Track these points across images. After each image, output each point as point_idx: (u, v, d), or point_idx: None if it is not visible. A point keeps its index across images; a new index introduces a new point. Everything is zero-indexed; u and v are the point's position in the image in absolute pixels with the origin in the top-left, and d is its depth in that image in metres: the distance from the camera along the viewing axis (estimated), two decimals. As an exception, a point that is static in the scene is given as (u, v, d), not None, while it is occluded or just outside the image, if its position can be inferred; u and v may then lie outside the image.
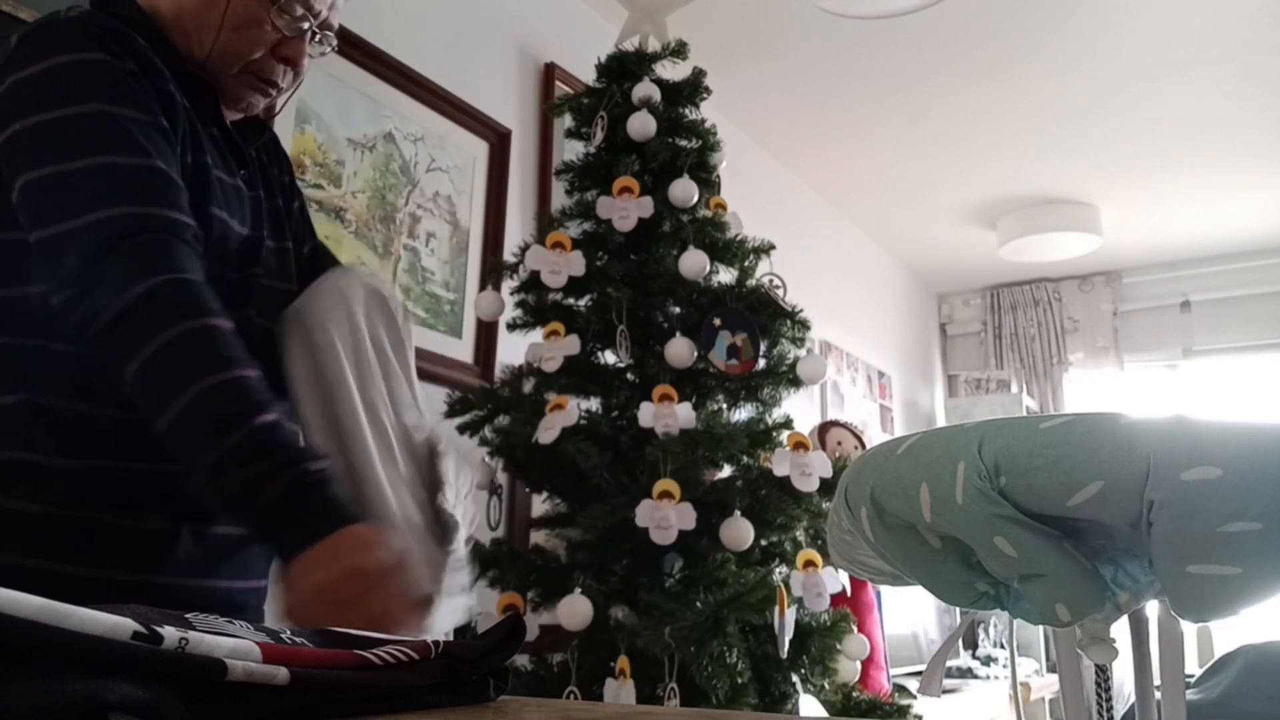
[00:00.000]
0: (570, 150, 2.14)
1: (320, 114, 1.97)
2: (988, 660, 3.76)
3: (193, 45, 0.99)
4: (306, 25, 1.03)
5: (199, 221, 0.92)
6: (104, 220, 0.83)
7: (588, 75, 2.09)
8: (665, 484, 1.57)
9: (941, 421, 5.23)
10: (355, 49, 2.05)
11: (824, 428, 3.17)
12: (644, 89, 1.94)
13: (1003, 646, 4.05)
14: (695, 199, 1.86)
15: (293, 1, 0.99)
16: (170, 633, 0.46)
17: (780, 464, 1.67)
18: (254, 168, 1.08)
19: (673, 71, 2.04)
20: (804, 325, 1.85)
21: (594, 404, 1.86)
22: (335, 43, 1.08)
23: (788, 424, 1.77)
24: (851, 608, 1.90)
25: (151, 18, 0.99)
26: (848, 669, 1.76)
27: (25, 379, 0.88)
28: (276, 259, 1.07)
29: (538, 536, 1.97)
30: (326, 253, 1.18)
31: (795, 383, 1.82)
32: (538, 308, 1.89)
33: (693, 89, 2.00)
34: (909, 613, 3.63)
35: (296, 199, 1.17)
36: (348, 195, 2.01)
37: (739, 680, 1.54)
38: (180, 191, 0.89)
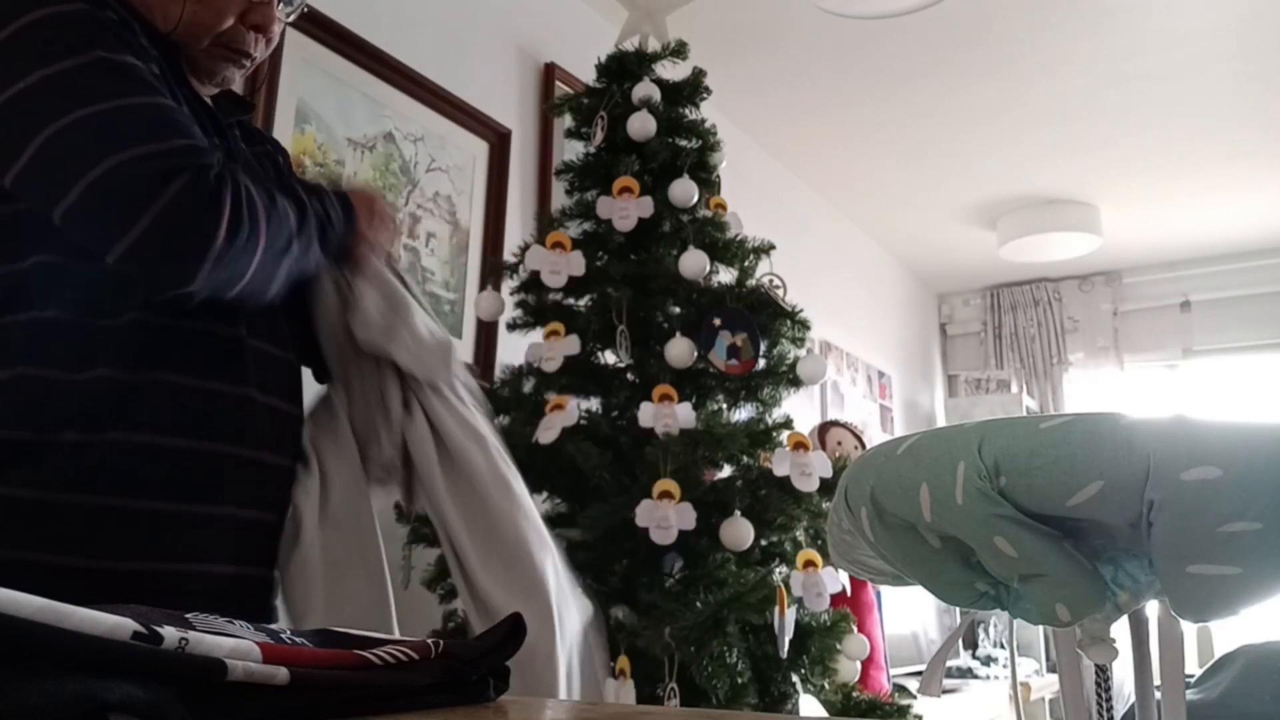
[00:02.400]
0: (570, 150, 2.14)
1: (320, 114, 1.97)
2: (988, 660, 3.75)
3: (158, 20, 0.98)
4: None
5: None
6: (164, 152, 0.82)
7: (588, 75, 2.09)
8: (665, 484, 1.57)
9: (941, 421, 5.23)
10: (355, 49, 2.05)
11: (824, 428, 3.17)
12: (644, 89, 1.94)
13: (1003, 646, 4.05)
14: (695, 199, 1.86)
15: None
16: (170, 633, 0.46)
17: (780, 464, 1.67)
18: (233, 141, 1.06)
19: (673, 71, 2.03)
20: (804, 325, 1.85)
21: (594, 404, 1.86)
22: (303, 5, 1.07)
23: (788, 424, 1.77)
24: (851, 608, 1.90)
25: None
26: (848, 669, 1.76)
27: (17, 355, 0.86)
28: None
29: (538, 536, 1.97)
30: None
31: (795, 383, 1.82)
32: (538, 308, 1.89)
33: (693, 89, 2.00)
34: (909, 613, 3.63)
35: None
36: (348, 195, 2.01)
37: (739, 680, 1.54)
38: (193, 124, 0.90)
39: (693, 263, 1.77)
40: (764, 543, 1.73)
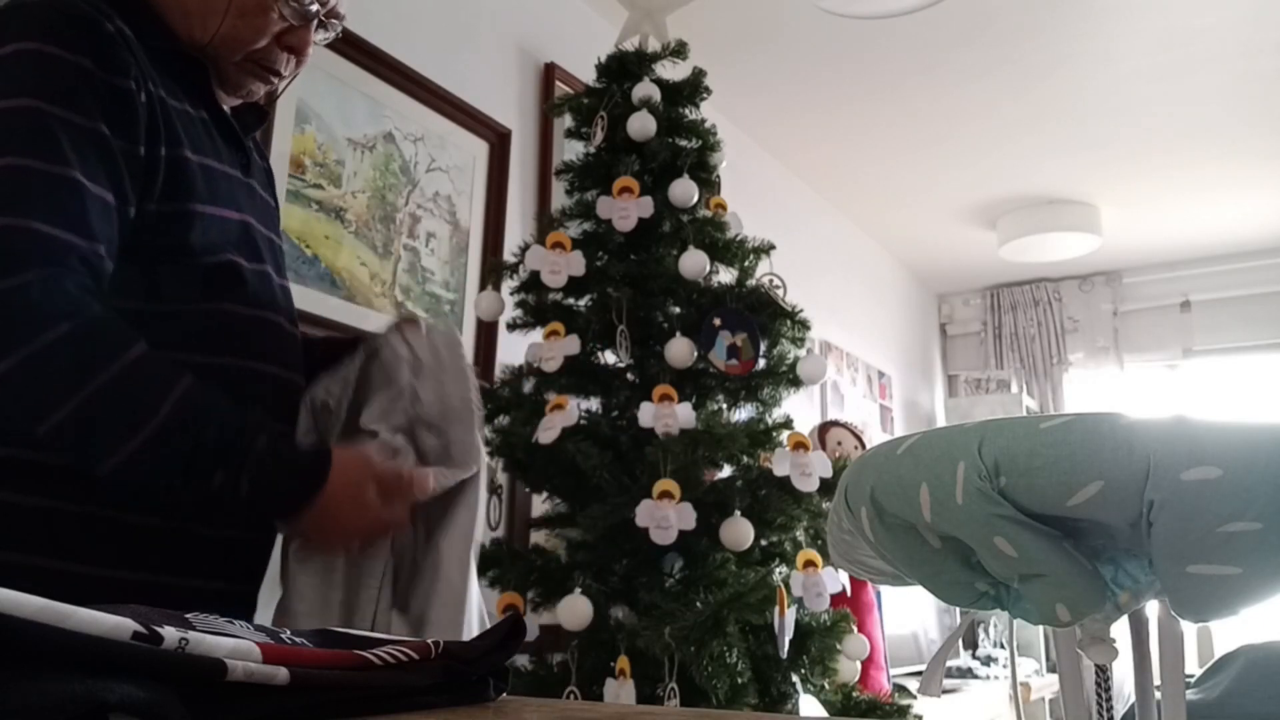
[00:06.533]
0: (570, 150, 2.14)
1: (320, 114, 1.97)
2: (988, 660, 3.75)
3: (194, 29, 0.97)
4: (315, 9, 1.01)
5: (177, 219, 0.90)
6: (16, 230, 0.79)
7: (588, 75, 2.09)
8: (665, 484, 1.56)
9: (941, 421, 5.23)
10: (355, 49, 2.05)
11: (824, 428, 3.17)
12: (644, 89, 1.94)
13: (1003, 646, 4.04)
14: (695, 199, 1.86)
15: None
16: (170, 633, 0.46)
17: (780, 464, 1.66)
18: (252, 156, 1.06)
19: (673, 71, 2.03)
20: (804, 325, 1.85)
21: (594, 404, 1.86)
22: (340, 29, 1.07)
23: (788, 424, 1.77)
24: (851, 608, 1.90)
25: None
26: (848, 669, 1.75)
27: None
28: (271, 252, 1.06)
29: (538, 536, 1.97)
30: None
31: (795, 383, 1.82)
32: (538, 308, 1.89)
33: (693, 89, 2.00)
34: (909, 613, 3.63)
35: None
36: (348, 195, 2.01)
37: (739, 680, 1.54)
38: (94, 203, 0.84)
39: (693, 263, 1.77)
40: (764, 543, 1.73)
